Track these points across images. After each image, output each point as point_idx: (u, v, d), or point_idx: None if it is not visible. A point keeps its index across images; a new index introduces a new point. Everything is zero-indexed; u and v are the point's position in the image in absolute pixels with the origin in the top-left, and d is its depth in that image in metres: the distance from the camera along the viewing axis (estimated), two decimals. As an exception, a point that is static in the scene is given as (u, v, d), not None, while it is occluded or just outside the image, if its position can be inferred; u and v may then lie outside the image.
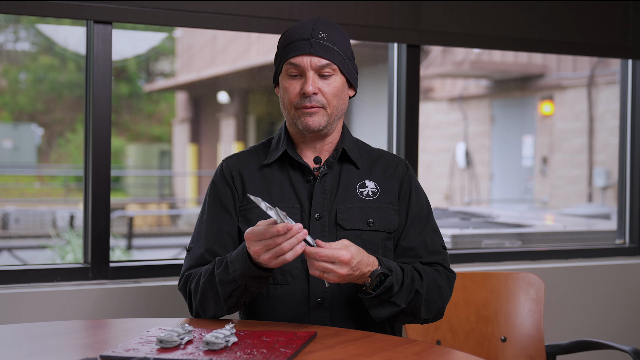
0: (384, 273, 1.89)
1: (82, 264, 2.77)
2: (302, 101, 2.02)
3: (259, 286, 1.92)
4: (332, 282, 1.84)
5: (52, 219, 9.70)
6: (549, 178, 11.48)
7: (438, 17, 3.20)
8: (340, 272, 1.81)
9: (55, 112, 12.45)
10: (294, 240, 1.79)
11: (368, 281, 1.88)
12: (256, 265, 1.86)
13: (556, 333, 3.37)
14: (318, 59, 2.01)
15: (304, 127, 2.03)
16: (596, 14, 3.49)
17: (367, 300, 1.91)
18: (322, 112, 2.03)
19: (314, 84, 2.01)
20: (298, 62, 2.02)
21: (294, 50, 2.02)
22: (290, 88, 2.04)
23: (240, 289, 1.91)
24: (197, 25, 2.86)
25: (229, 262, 1.91)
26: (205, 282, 1.96)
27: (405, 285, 1.93)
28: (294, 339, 1.75)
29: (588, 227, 6.17)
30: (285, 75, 2.05)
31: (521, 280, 2.64)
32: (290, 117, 2.06)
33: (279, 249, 1.79)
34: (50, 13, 2.66)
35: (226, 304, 1.95)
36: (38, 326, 1.94)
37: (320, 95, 2.02)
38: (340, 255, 1.80)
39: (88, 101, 2.76)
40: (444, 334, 2.61)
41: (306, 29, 2.04)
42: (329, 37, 2.03)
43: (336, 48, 2.03)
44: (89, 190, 2.75)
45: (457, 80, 12.49)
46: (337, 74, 2.04)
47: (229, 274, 1.90)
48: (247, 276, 1.88)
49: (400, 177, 2.14)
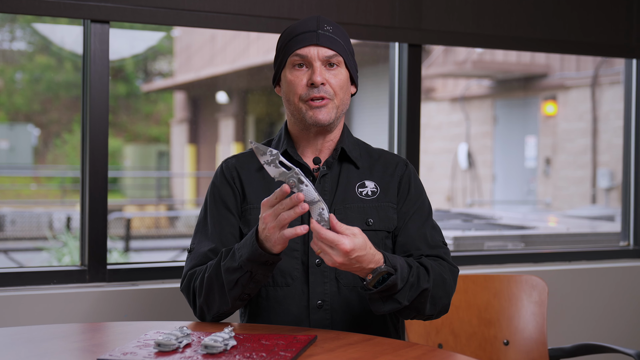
0: (388, 272, 1.87)
1: (79, 267, 2.77)
2: (311, 92, 2.02)
3: (264, 274, 1.90)
4: (327, 264, 1.82)
5: (48, 221, 9.70)
6: (552, 179, 11.49)
7: (440, 16, 3.21)
8: (336, 259, 1.79)
9: (51, 112, 12.46)
10: (291, 212, 1.77)
11: (369, 277, 1.86)
12: (264, 249, 1.85)
13: (559, 336, 3.37)
14: (325, 50, 2.02)
15: (314, 122, 2.03)
16: (600, 13, 3.50)
17: (367, 294, 1.90)
18: (330, 104, 2.03)
19: (322, 74, 2.01)
20: (305, 53, 2.02)
21: (300, 42, 2.02)
22: (296, 80, 2.03)
23: (245, 277, 1.89)
24: (195, 24, 2.86)
25: (236, 249, 1.91)
26: (211, 274, 1.95)
27: (410, 283, 1.91)
28: (294, 343, 1.75)
29: (592, 229, 6.17)
30: (290, 69, 2.04)
31: (524, 282, 2.64)
32: (296, 112, 2.05)
33: (281, 218, 1.78)
34: (46, 12, 2.66)
35: (231, 295, 1.93)
36: (35, 329, 1.94)
37: (328, 86, 2.02)
38: (340, 243, 1.77)
39: (85, 101, 2.76)
40: (446, 337, 2.61)
41: (310, 23, 2.05)
42: (334, 30, 2.05)
43: (341, 41, 2.05)
44: (86, 192, 2.75)
45: (459, 80, 12.50)
46: (342, 67, 2.05)
47: (235, 260, 1.89)
48: (253, 261, 1.86)
49: (399, 175, 2.14)
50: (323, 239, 1.78)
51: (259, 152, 1.81)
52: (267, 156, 1.81)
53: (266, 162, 1.81)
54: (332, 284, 2.03)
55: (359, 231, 1.82)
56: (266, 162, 1.81)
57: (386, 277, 1.87)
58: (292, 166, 1.79)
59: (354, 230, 1.81)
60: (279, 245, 1.83)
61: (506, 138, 12.20)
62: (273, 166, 1.81)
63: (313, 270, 2.03)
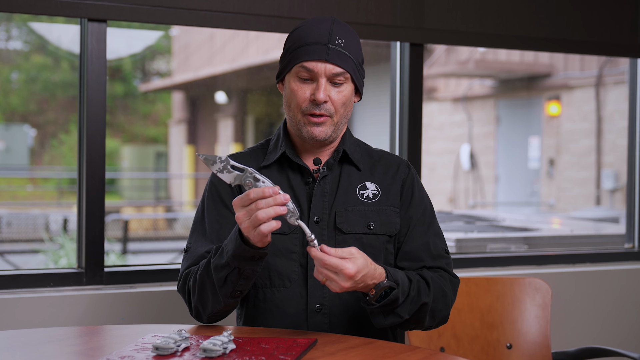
0: (390, 286, 1.88)
1: (75, 269, 2.77)
2: (311, 108, 2.01)
3: (253, 269, 1.90)
4: (334, 291, 1.84)
5: (45, 223, 9.70)
6: (555, 180, 11.48)
7: (442, 14, 3.21)
8: (343, 285, 1.81)
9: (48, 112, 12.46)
10: (270, 210, 1.78)
11: (372, 293, 1.88)
12: (248, 244, 1.85)
13: (563, 340, 3.37)
14: (333, 67, 2.00)
15: (310, 137, 2.03)
16: (604, 12, 3.50)
17: (369, 309, 1.92)
18: (329, 121, 2.03)
19: (326, 92, 2.00)
20: (312, 67, 2.00)
21: (308, 53, 2.00)
22: (299, 92, 2.02)
23: (234, 274, 1.89)
24: (194, 23, 2.86)
25: (223, 246, 1.92)
26: (203, 272, 1.96)
27: (411, 297, 1.93)
28: (294, 346, 1.75)
29: (596, 231, 6.17)
30: (295, 77, 2.03)
31: (527, 285, 2.64)
32: (295, 121, 2.05)
33: (255, 217, 1.78)
34: (43, 11, 2.66)
35: (222, 293, 1.93)
36: (31, 333, 1.94)
37: (329, 104, 2.01)
38: (345, 268, 1.79)
39: (82, 101, 2.76)
40: (448, 341, 2.61)
41: (323, 32, 2.01)
42: (345, 43, 2.02)
43: (351, 55, 2.03)
44: (83, 193, 2.75)
45: (462, 80, 12.50)
46: (348, 83, 2.04)
47: (223, 257, 1.90)
48: (239, 257, 1.86)
49: (402, 178, 2.14)
50: (326, 265, 1.79)
51: (208, 163, 1.84)
52: (218, 164, 1.83)
53: (218, 170, 1.83)
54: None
55: (356, 250, 1.84)
56: (218, 170, 1.83)
57: (388, 291, 1.89)
58: (244, 167, 1.82)
59: (351, 250, 1.83)
60: (260, 243, 1.84)
61: (509, 139, 12.20)
62: (226, 172, 1.84)
63: (312, 273, 2.03)
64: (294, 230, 2.03)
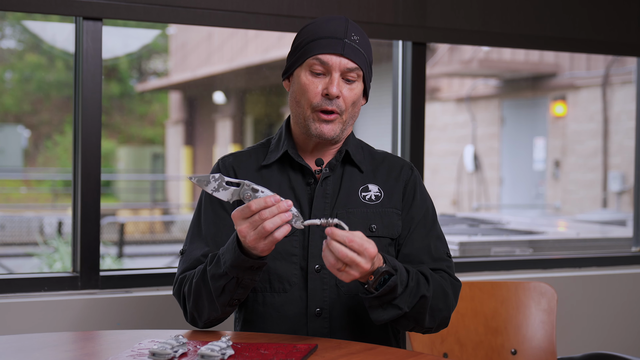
0: (389, 272, 1.86)
1: (70, 273, 2.77)
2: (324, 103, 2.01)
3: (252, 279, 1.90)
4: (349, 279, 1.79)
5: (39, 226, 9.71)
6: (561, 182, 11.49)
7: (445, 13, 3.21)
8: (365, 267, 1.77)
9: (42, 113, 12.47)
10: (276, 219, 1.77)
11: (371, 279, 1.84)
12: (247, 254, 1.85)
13: (569, 345, 3.37)
14: (348, 61, 2.00)
15: (318, 134, 2.03)
16: (611, 10, 3.50)
17: (367, 300, 1.88)
18: (338, 119, 2.03)
19: (339, 86, 2.01)
20: (327, 60, 2.00)
21: (324, 47, 2.00)
22: (311, 86, 2.02)
23: (232, 283, 1.89)
24: (191, 21, 2.86)
25: (220, 254, 1.91)
26: (198, 280, 1.95)
27: (410, 288, 1.90)
28: (294, 352, 1.75)
29: (602, 234, 6.16)
30: (307, 71, 2.03)
31: (532, 289, 2.64)
32: (302, 118, 2.04)
33: (262, 229, 1.77)
34: (37, 9, 2.67)
35: (219, 301, 1.93)
36: (25, 338, 1.94)
37: (341, 100, 2.02)
38: (368, 247, 1.77)
39: (77, 102, 2.76)
40: (451, 346, 2.61)
41: (339, 28, 2.03)
42: (360, 41, 2.04)
43: (364, 53, 2.04)
44: (78, 196, 2.76)
45: (465, 80, 12.51)
46: (359, 81, 2.04)
47: (220, 267, 1.89)
48: (238, 267, 1.86)
49: (404, 180, 2.14)
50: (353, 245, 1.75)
51: (202, 184, 1.83)
52: (212, 183, 1.83)
53: (214, 189, 1.83)
54: (332, 291, 2.03)
55: (361, 233, 1.82)
56: (214, 189, 1.83)
57: (387, 278, 1.87)
58: (240, 181, 1.81)
59: (359, 234, 1.80)
60: (267, 251, 1.84)
61: (514, 140, 12.21)
62: (222, 190, 1.83)
63: (312, 277, 2.03)
64: (294, 233, 2.03)
